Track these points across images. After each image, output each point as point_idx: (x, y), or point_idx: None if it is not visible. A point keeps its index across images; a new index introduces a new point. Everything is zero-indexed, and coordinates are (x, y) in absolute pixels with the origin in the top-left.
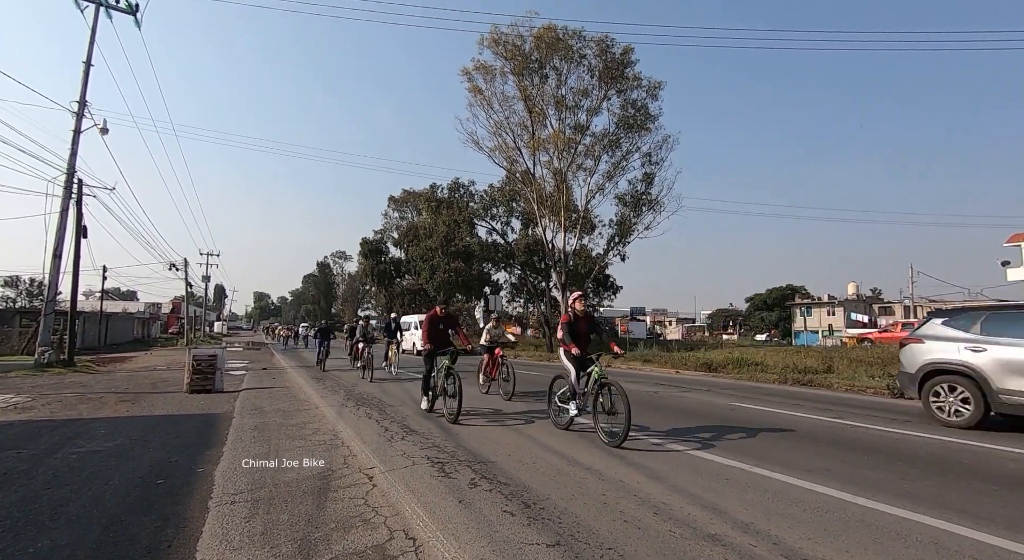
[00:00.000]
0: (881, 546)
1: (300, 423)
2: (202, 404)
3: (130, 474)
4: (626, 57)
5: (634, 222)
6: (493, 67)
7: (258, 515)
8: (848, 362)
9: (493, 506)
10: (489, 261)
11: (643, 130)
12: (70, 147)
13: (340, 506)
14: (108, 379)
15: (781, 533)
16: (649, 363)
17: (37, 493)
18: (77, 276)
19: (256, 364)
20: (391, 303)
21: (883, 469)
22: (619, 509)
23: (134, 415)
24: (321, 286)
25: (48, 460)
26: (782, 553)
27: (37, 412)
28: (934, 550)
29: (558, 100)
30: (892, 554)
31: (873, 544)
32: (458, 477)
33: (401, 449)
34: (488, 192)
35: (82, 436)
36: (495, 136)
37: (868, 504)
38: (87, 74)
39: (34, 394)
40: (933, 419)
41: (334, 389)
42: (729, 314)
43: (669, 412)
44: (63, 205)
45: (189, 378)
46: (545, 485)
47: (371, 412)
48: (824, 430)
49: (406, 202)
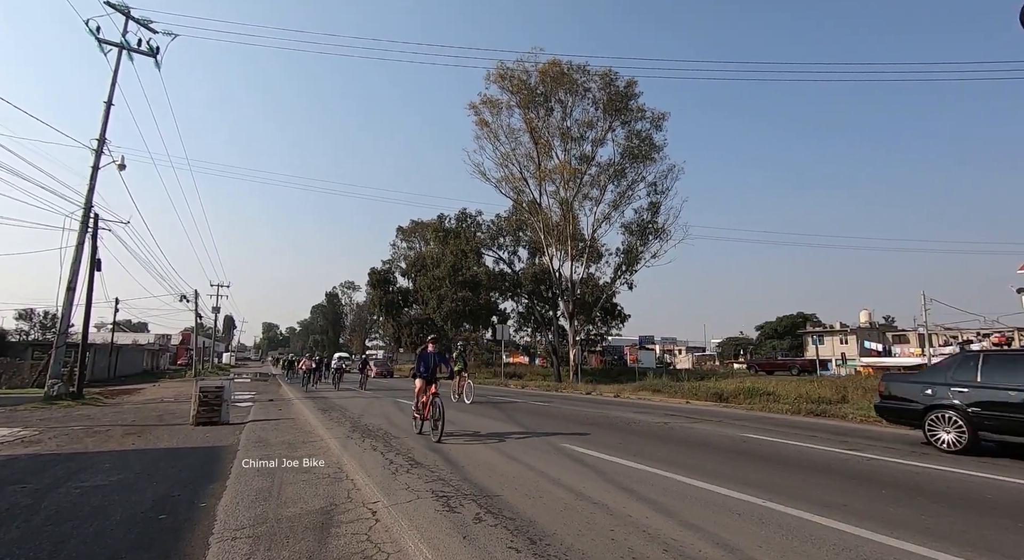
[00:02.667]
0: None
1: (305, 455)
2: (208, 436)
3: (133, 509)
4: (630, 89)
5: (641, 251)
6: (499, 101)
7: (259, 552)
8: (863, 392)
9: (498, 542)
10: (496, 290)
11: (648, 160)
12: (88, 183)
13: (342, 543)
14: (115, 412)
15: None
16: (659, 393)
17: (39, 529)
18: (89, 309)
19: (263, 395)
20: (399, 333)
21: (904, 504)
22: (628, 545)
23: (139, 448)
24: (330, 316)
25: (51, 495)
26: None
27: (44, 445)
28: None
29: (563, 132)
30: None
31: None
32: (463, 511)
33: (405, 482)
34: (495, 222)
35: (87, 470)
36: (502, 167)
37: (889, 541)
38: (107, 113)
39: (42, 427)
40: None
41: (339, 421)
42: (739, 342)
43: (679, 444)
44: (79, 239)
45: (196, 410)
46: (552, 520)
47: (376, 444)
48: (840, 463)
49: (414, 232)
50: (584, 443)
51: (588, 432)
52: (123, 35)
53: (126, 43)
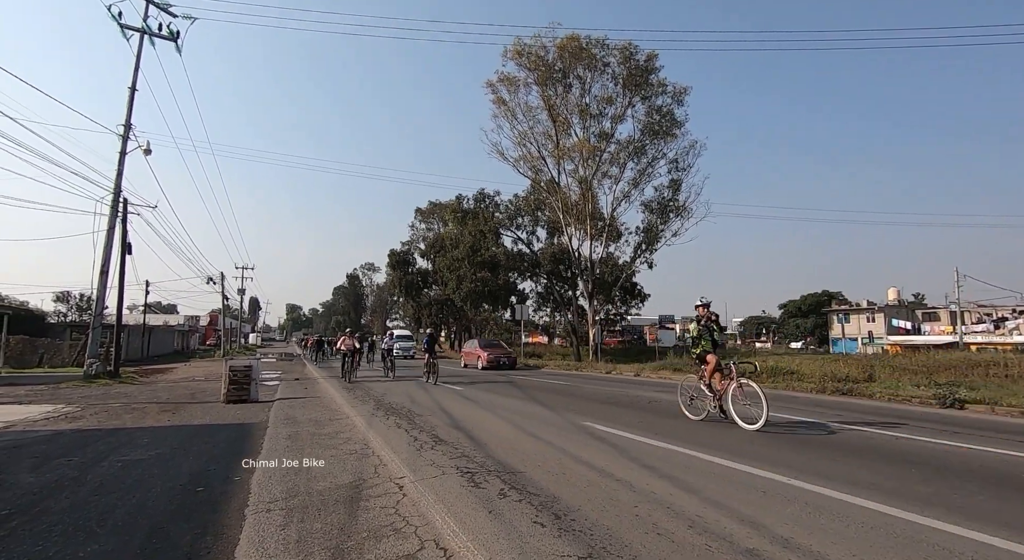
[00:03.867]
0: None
1: (332, 432)
2: (238, 414)
3: (171, 482)
4: (650, 63)
5: (661, 229)
6: (516, 78)
7: (292, 523)
8: (891, 370)
9: (523, 517)
10: (515, 271)
11: (669, 136)
12: (116, 168)
13: (371, 515)
14: (150, 390)
15: (824, 549)
16: (679, 372)
17: (86, 500)
18: (122, 291)
19: (289, 374)
20: (419, 313)
21: (934, 483)
22: (652, 521)
23: (174, 424)
24: (351, 297)
25: (95, 468)
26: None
27: (86, 421)
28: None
29: (582, 109)
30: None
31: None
32: (488, 487)
33: (430, 458)
34: (513, 202)
35: (127, 445)
36: (519, 146)
37: (919, 520)
38: (132, 99)
39: (83, 404)
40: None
41: (363, 399)
42: (762, 321)
43: (701, 423)
44: (110, 223)
45: (226, 389)
46: (575, 496)
47: (400, 422)
48: (867, 441)
49: (432, 213)
50: (605, 421)
51: (609, 411)
52: (144, 20)
53: (147, 28)
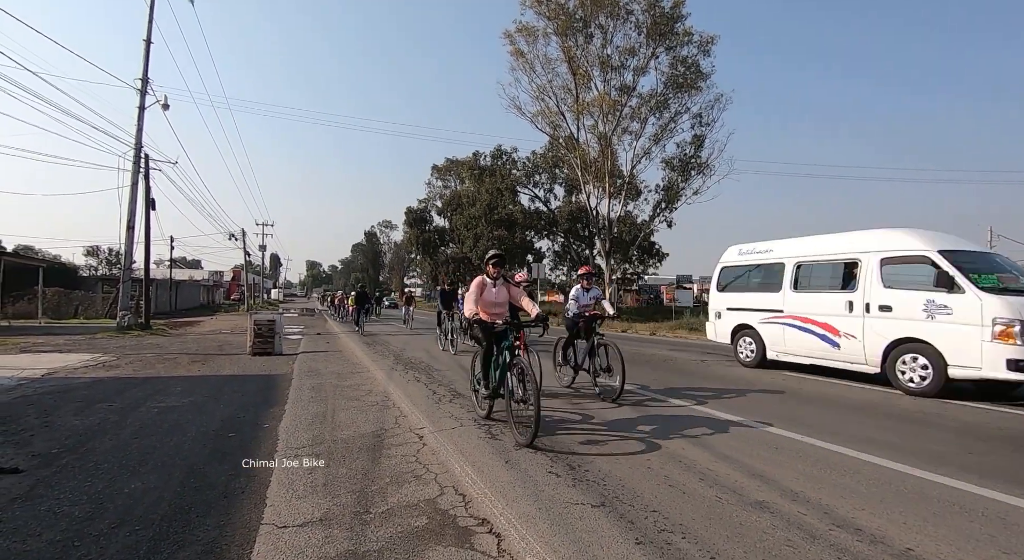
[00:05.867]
0: (942, 519)
1: (354, 385)
2: (264, 365)
3: (204, 428)
4: (676, 11)
5: (682, 187)
6: (535, 28)
7: (319, 468)
8: None
9: (539, 467)
10: (532, 229)
11: (693, 89)
12: (136, 123)
13: (393, 463)
14: (180, 341)
15: (833, 502)
16: (696, 332)
17: (127, 442)
18: (148, 246)
19: (311, 329)
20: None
21: (948, 442)
22: (663, 474)
23: (205, 374)
24: (369, 255)
25: (134, 413)
26: (833, 522)
27: (122, 370)
28: (1001, 525)
29: (603, 60)
30: (954, 527)
31: (933, 517)
32: (504, 439)
33: (448, 411)
34: (531, 159)
35: (161, 393)
36: (537, 101)
37: (929, 477)
38: (148, 52)
39: (118, 353)
40: None
41: (383, 354)
42: None
43: (715, 380)
44: (133, 178)
45: (251, 341)
46: (588, 449)
47: (419, 376)
48: (882, 400)
49: (449, 171)
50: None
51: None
52: None
53: None
